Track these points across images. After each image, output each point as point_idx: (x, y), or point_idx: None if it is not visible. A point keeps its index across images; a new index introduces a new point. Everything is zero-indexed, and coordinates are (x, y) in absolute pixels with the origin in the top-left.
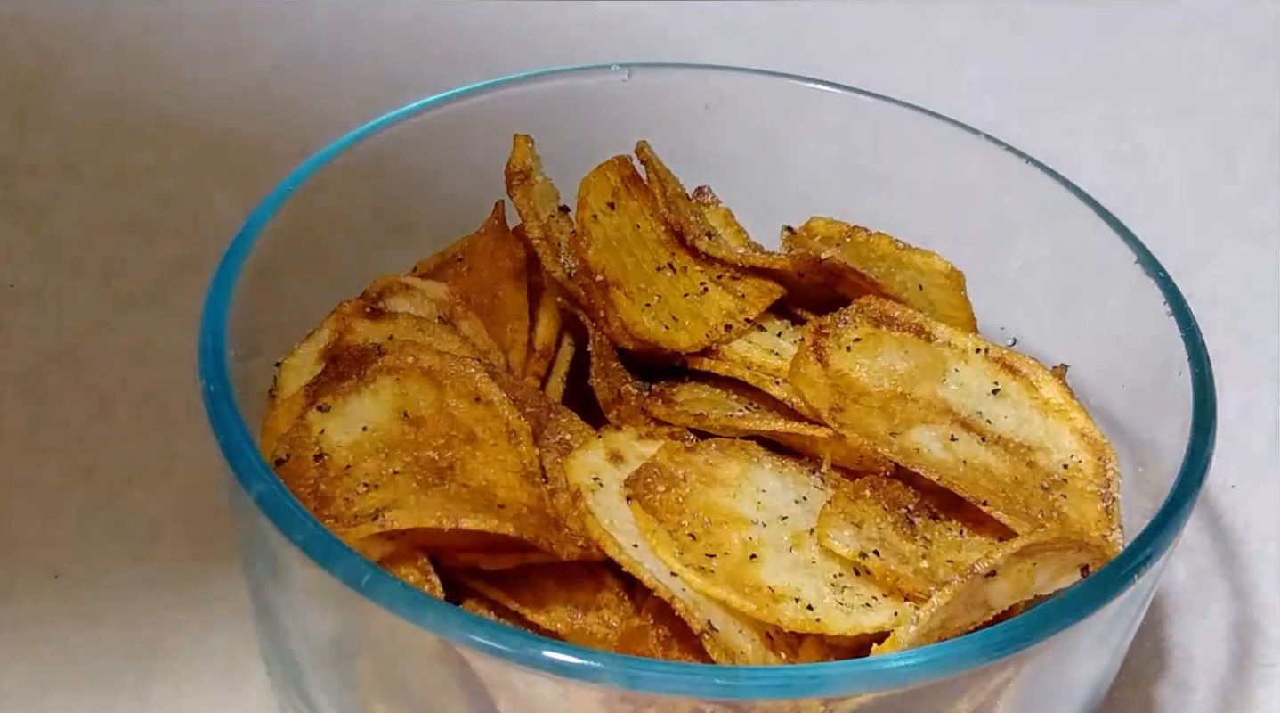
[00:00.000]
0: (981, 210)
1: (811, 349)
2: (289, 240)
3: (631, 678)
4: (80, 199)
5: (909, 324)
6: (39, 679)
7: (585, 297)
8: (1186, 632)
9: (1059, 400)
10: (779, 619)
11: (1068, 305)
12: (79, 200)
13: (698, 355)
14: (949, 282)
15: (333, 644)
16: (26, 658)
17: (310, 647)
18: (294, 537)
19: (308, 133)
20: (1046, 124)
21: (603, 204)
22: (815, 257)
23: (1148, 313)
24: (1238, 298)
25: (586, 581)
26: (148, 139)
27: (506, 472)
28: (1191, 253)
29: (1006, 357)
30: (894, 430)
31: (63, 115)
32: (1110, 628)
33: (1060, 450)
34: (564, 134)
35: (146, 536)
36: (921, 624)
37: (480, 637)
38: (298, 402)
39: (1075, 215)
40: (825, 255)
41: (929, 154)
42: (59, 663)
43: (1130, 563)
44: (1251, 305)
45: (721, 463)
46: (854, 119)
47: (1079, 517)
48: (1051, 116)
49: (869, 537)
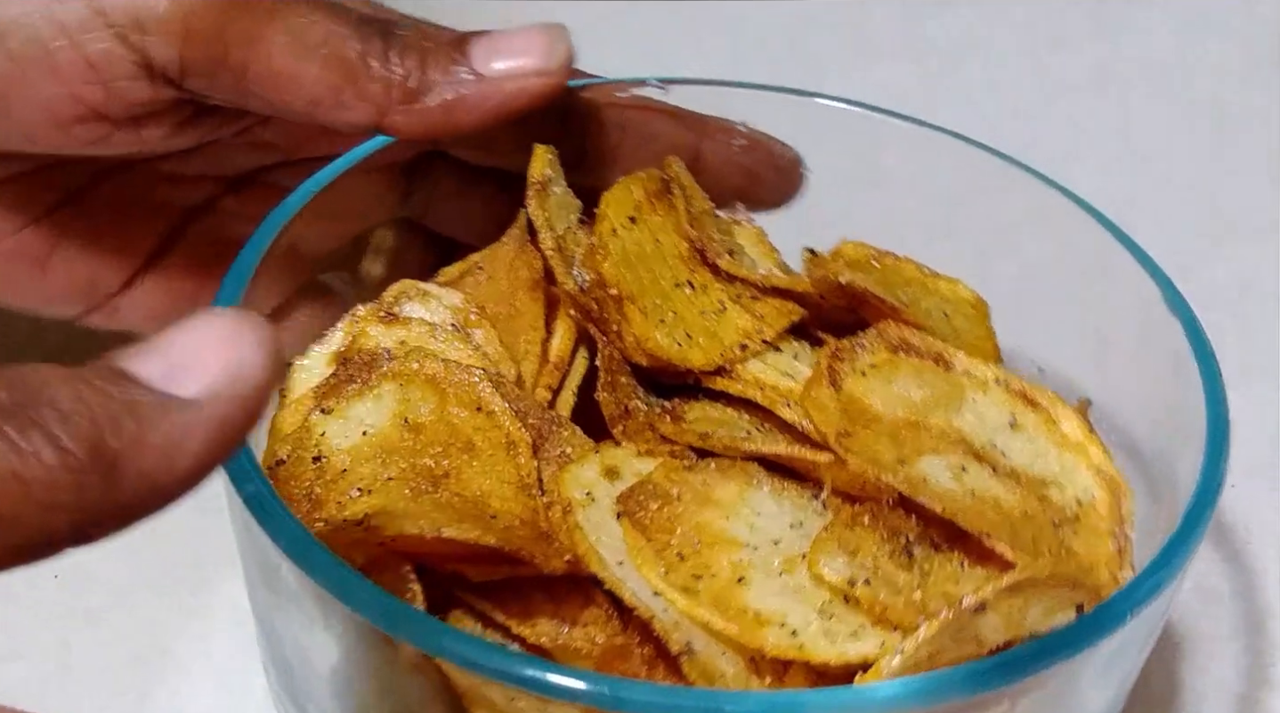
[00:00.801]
0: (1012, 240)
1: (826, 372)
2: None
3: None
4: None
5: (928, 351)
6: (39, 679)
7: (597, 310)
8: (1187, 632)
9: (1077, 436)
10: (761, 644)
11: (1094, 338)
12: None
13: (711, 374)
14: (975, 310)
15: (324, 649)
16: (26, 658)
17: (302, 650)
18: (276, 539)
19: None
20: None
21: (624, 218)
22: (835, 280)
23: (1170, 351)
24: (1238, 298)
25: (575, 596)
26: None
27: (502, 483)
28: (1191, 253)
29: (1027, 389)
30: (902, 458)
31: None
32: (1112, 663)
33: (1075, 486)
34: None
35: (146, 535)
36: (907, 656)
37: (454, 648)
38: (306, 403)
39: (1107, 250)
40: (844, 279)
41: (961, 181)
42: (59, 663)
43: (1122, 605)
44: (1251, 305)
45: (719, 483)
46: (888, 143)
47: (1089, 554)
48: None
49: (862, 565)
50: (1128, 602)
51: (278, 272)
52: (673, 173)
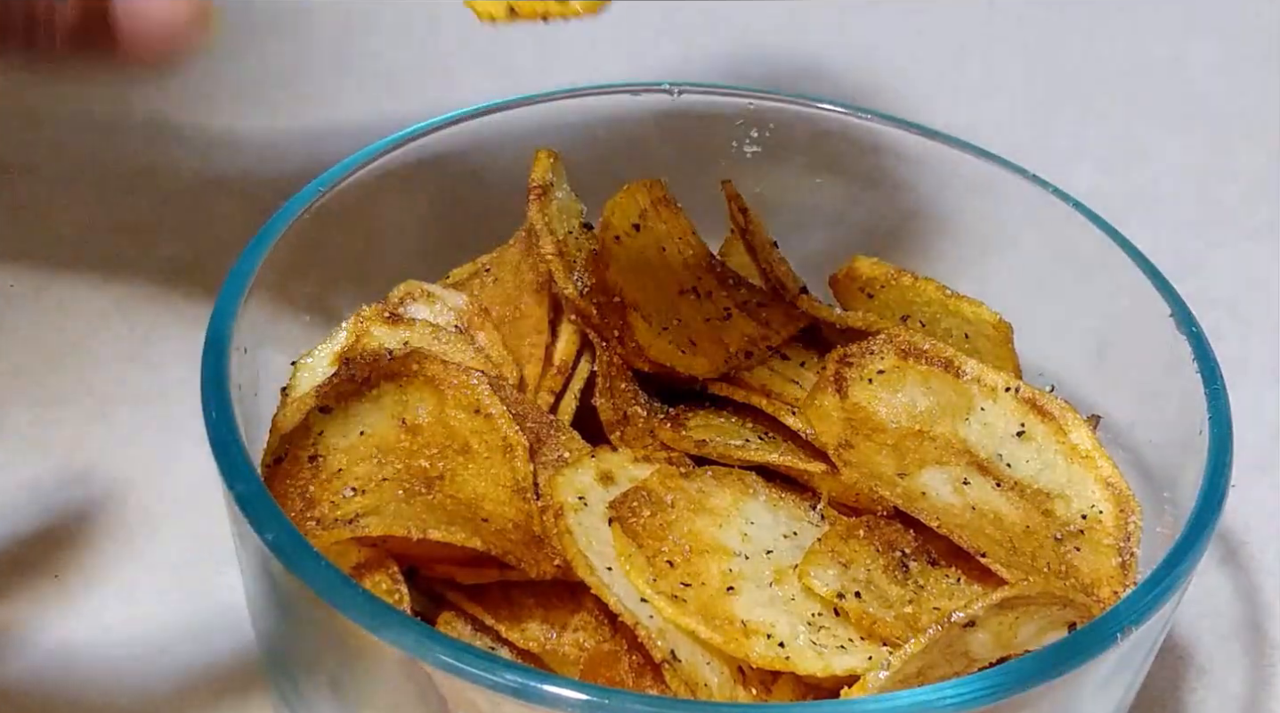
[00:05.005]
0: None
1: (832, 379)
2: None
3: None
4: (80, 199)
5: (937, 357)
6: (39, 680)
7: (598, 316)
8: (1187, 633)
9: (1087, 447)
10: (747, 654)
11: (1104, 356)
12: (79, 200)
13: (716, 381)
14: (996, 332)
15: (315, 648)
16: (27, 658)
17: (296, 649)
18: (265, 537)
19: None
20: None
21: (628, 225)
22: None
23: (1178, 368)
24: (1237, 298)
25: (565, 601)
26: (148, 139)
27: (497, 486)
28: (1191, 253)
29: (1038, 398)
30: (903, 471)
31: (63, 116)
32: (1111, 679)
33: (1081, 500)
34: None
35: (147, 535)
36: (894, 670)
37: (435, 652)
38: (307, 402)
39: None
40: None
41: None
42: (59, 664)
43: (1111, 626)
44: (1251, 305)
45: (714, 491)
46: (902, 155)
47: (1091, 570)
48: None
49: (854, 578)
50: (1118, 623)
51: None
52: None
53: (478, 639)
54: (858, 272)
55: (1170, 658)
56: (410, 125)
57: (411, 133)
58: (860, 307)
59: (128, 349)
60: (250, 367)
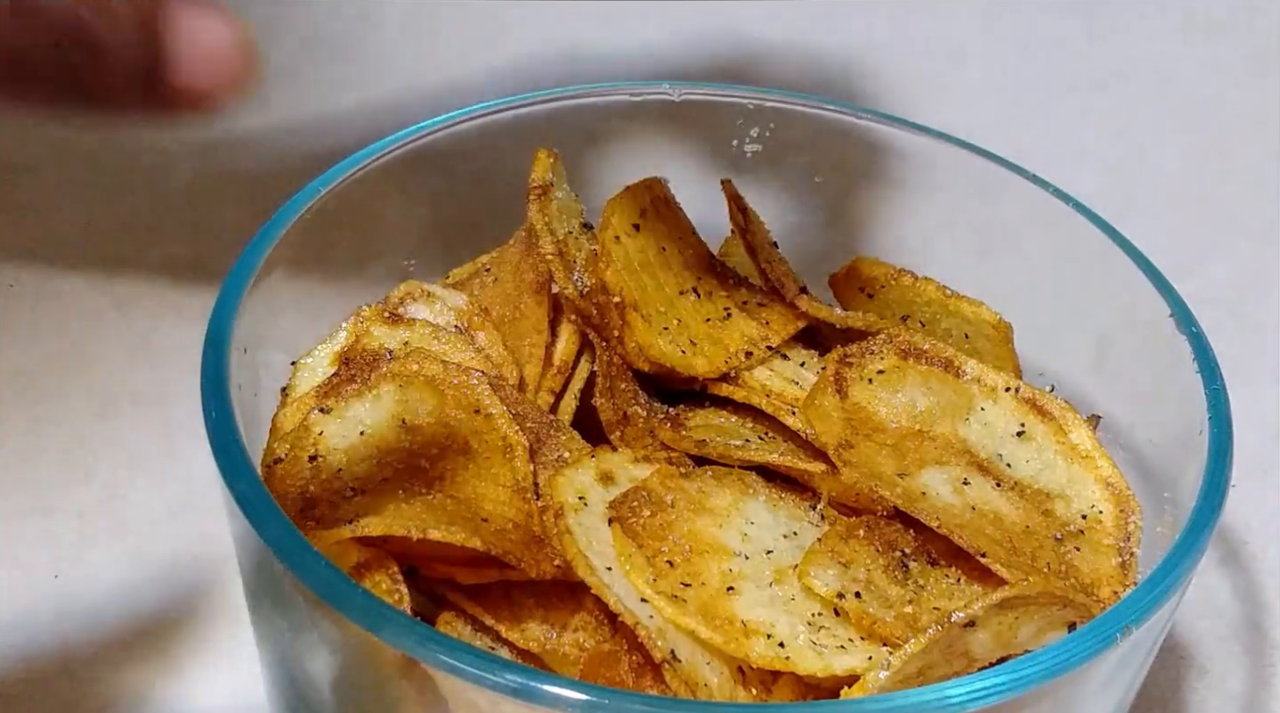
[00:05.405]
0: (1024, 255)
1: (833, 379)
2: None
3: None
4: (80, 199)
5: (938, 357)
6: (39, 680)
7: (598, 316)
8: (1187, 633)
9: (1087, 447)
10: (747, 654)
11: (1104, 356)
12: (79, 200)
13: (716, 381)
14: (996, 332)
15: (314, 648)
16: (27, 658)
17: (295, 649)
18: (264, 536)
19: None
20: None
21: (627, 226)
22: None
23: (1178, 368)
24: (1237, 298)
25: (566, 601)
26: (148, 139)
27: (497, 486)
28: (1191, 253)
29: (1038, 398)
30: (903, 471)
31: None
32: (1112, 678)
33: (1081, 500)
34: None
35: (147, 535)
36: (894, 670)
37: (433, 652)
38: (307, 402)
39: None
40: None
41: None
42: (59, 664)
43: (1111, 625)
44: (1251, 305)
45: (715, 491)
46: (905, 155)
47: (1091, 570)
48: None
49: (854, 578)
50: (1118, 623)
51: None
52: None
53: (478, 639)
54: (858, 272)
55: (1170, 658)
56: (411, 125)
57: (412, 133)
58: (860, 307)
59: (128, 349)
60: (250, 367)
